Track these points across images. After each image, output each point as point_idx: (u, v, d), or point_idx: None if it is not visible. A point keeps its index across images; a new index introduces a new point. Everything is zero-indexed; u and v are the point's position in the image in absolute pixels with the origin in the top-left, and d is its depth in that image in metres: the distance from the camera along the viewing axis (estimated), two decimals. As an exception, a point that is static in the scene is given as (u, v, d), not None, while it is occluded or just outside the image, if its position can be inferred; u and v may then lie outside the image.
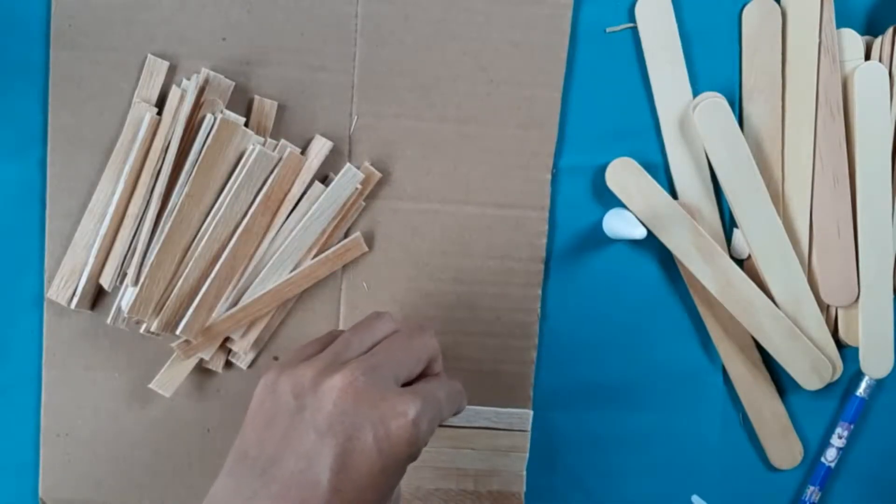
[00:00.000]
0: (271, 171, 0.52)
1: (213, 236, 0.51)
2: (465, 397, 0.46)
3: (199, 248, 0.51)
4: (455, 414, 0.44)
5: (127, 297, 0.52)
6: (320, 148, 0.53)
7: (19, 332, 0.54)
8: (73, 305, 0.52)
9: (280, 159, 0.52)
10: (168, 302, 0.51)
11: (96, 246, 0.52)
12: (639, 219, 0.54)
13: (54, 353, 0.54)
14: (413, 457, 0.40)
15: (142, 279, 0.51)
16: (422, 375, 0.44)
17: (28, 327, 0.54)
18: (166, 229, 0.51)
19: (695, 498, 0.44)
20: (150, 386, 0.53)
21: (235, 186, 0.51)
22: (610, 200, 0.56)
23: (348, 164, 0.53)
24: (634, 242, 0.56)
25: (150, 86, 0.52)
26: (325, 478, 0.37)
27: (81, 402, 0.54)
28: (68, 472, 0.54)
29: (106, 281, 0.52)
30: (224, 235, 0.52)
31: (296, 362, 0.42)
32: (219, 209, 0.51)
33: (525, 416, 0.57)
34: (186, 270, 0.51)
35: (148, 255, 0.51)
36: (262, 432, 0.40)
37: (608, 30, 0.55)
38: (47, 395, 0.54)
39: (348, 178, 0.53)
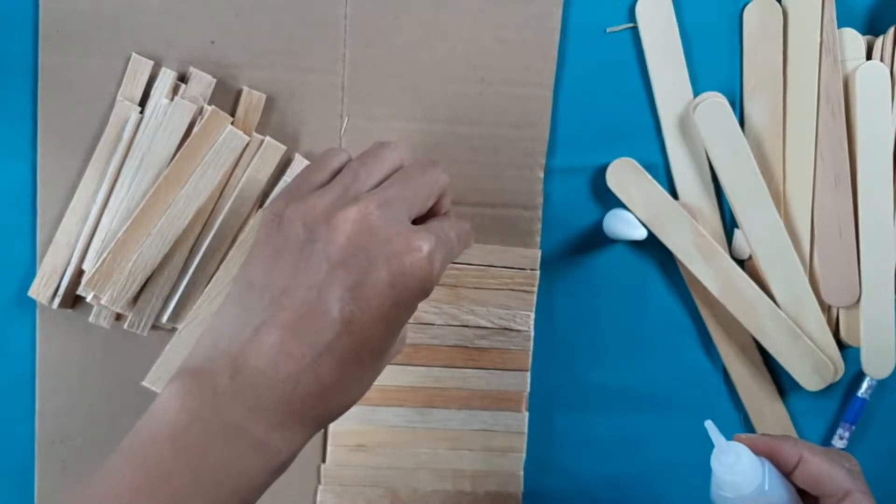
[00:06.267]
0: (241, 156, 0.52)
1: (173, 214, 0.51)
2: (473, 237, 0.46)
3: (159, 225, 0.51)
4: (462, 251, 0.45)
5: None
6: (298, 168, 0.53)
7: (13, 338, 0.53)
8: (55, 305, 0.52)
9: (248, 143, 0.52)
10: (121, 277, 0.51)
11: (79, 244, 0.52)
12: (639, 219, 0.54)
13: (47, 359, 0.53)
14: (426, 292, 0.40)
15: (104, 254, 0.50)
16: (430, 212, 0.44)
17: (22, 333, 0.53)
18: (137, 211, 0.51)
19: (708, 424, 0.44)
20: (144, 383, 0.53)
21: (202, 165, 0.51)
22: (610, 201, 0.55)
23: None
24: (634, 243, 0.56)
25: (134, 85, 0.52)
26: (337, 308, 0.38)
27: (75, 408, 0.54)
28: (64, 479, 0.54)
29: (87, 284, 0.51)
30: (185, 214, 0.51)
31: (303, 192, 0.41)
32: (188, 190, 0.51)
33: (521, 418, 0.57)
34: (142, 247, 0.51)
35: (117, 234, 0.51)
36: (270, 263, 0.40)
37: (609, 30, 0.55)
38: (41, 401, 0.53)
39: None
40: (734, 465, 0.43)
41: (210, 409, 0.38)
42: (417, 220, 0.43)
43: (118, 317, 0.53)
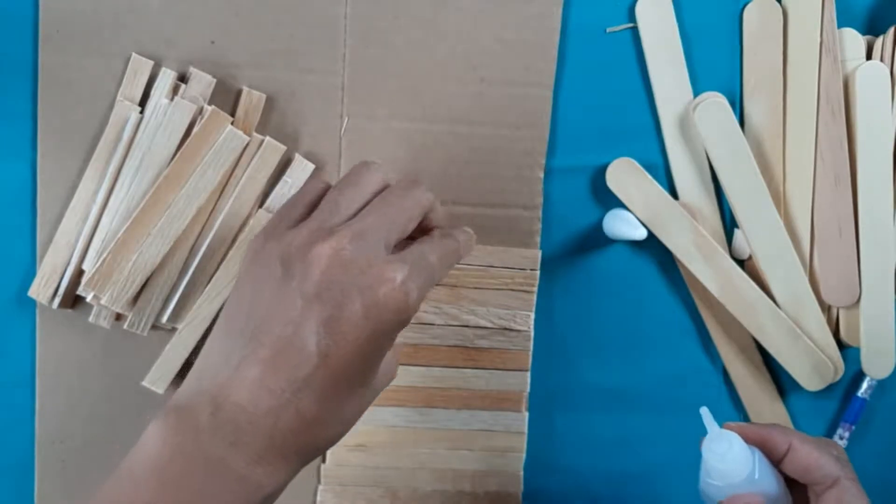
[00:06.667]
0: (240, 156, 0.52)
1: (173, 214, 0.51)
2: (470, 245, 0.46)
3: (159, 226, 0.51)
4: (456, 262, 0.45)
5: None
6: (301, 170, 0.53)
7: (13, 338, 0.53)
8: (55, 305, 0.52)
9: (248, 143, 0.52)
10: (121, 277, 0.51)
11: (79, 244, 0.52)
12: (639, 219, 0.54)
13: (47, 359, 0.53)
14: (403, 323, 0.40)
15: (104, 254, 0.50)
16: (422, 228, 0.44)
17: (22, 333, 0.53)
18: (137, 211, 0.51)
19: (703, 411, 0.45)
20: (144, 384, 0.53)
21: (202, 165, 0.51)
22: (610, 201, 0.55)
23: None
24: (634, 243, 0.56)
25: (134, 85, 0.52)
26: (313, 342, 0.38)
27: (75, 408, 0.54)
28: (64, 479, 0.54)
29: (87, 284, 0.51)
30: (185, 214, 0.51)
31: (283, 227, 0.42)
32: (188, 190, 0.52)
33: (520, 418, 0.56)
34: (142, 247, 0.51)
35: (117, 234, 0.51)
36: (250, 300, 0.41)
37: (609, 30, 0.55)
38: (41, 401, 0.53)
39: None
40: (725, 453, 0.43)
41: (192, 443, 0.39)
42: (408, 239, 0.43)
43: (118, 317, 0.53)
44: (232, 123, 0.51)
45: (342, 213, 0.42)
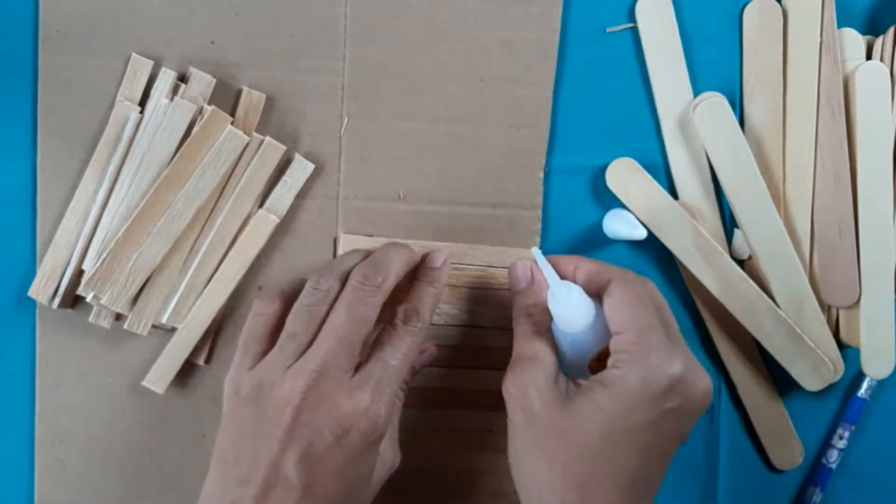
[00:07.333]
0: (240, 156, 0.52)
1: (173, 214, 0.51)
2: (435, 302, 0.50)
3: (159, 226, 0.51)
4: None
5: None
6: (301, 170, 0.53)
7: (13, 338, 0.53)
8: (55, 304, 0.52)
9: (248, 142, 0.52)
10: (121, 277, 0.51)
11: (79, 244, 0.52)
12: (639, 219, 0.54)
13: (47, 359, 0.53)
14: (377, 440, 0.43)
15: (104, 254, 0.50)
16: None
17: (22, 332, 0.53)
18: (137, 211, 0.51)
19: (535, 251, 0.48)
20: (144, 383, 0.53)
21: (202, 165, 0.51)
22: (610, 201, 0.55)
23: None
24: (634, 243, 0.56)
25: (134, 85, 0.52)
26: (294, 477, 0.41)
27: (75, 407, 0.54)
28: (63, 479, 0.54)
29: (87, 284, 0.51)
30: (185, 214, 0.51)
31: (249, 360, 0.45)
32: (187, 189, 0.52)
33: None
34: (142, 247, 0.51)
35: (117, 234, 0.51)
36: (235, 439, 0.44)
37: (608, 30, 0.55)
38: (41, 401, 0.53)
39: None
40: (567, 300, 0.46)
41: None
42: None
43: (118, 317, 0.53)
44: (232, 123, 0.51)
45: (302, 339, 0.44)
